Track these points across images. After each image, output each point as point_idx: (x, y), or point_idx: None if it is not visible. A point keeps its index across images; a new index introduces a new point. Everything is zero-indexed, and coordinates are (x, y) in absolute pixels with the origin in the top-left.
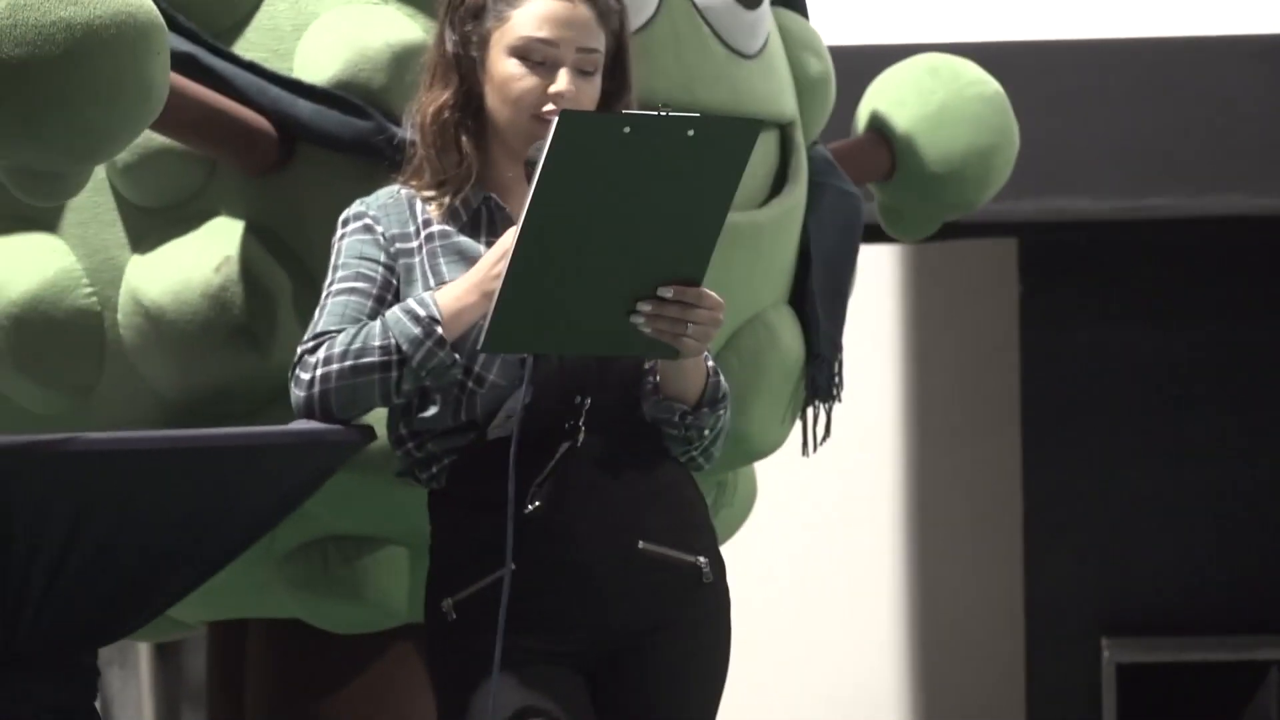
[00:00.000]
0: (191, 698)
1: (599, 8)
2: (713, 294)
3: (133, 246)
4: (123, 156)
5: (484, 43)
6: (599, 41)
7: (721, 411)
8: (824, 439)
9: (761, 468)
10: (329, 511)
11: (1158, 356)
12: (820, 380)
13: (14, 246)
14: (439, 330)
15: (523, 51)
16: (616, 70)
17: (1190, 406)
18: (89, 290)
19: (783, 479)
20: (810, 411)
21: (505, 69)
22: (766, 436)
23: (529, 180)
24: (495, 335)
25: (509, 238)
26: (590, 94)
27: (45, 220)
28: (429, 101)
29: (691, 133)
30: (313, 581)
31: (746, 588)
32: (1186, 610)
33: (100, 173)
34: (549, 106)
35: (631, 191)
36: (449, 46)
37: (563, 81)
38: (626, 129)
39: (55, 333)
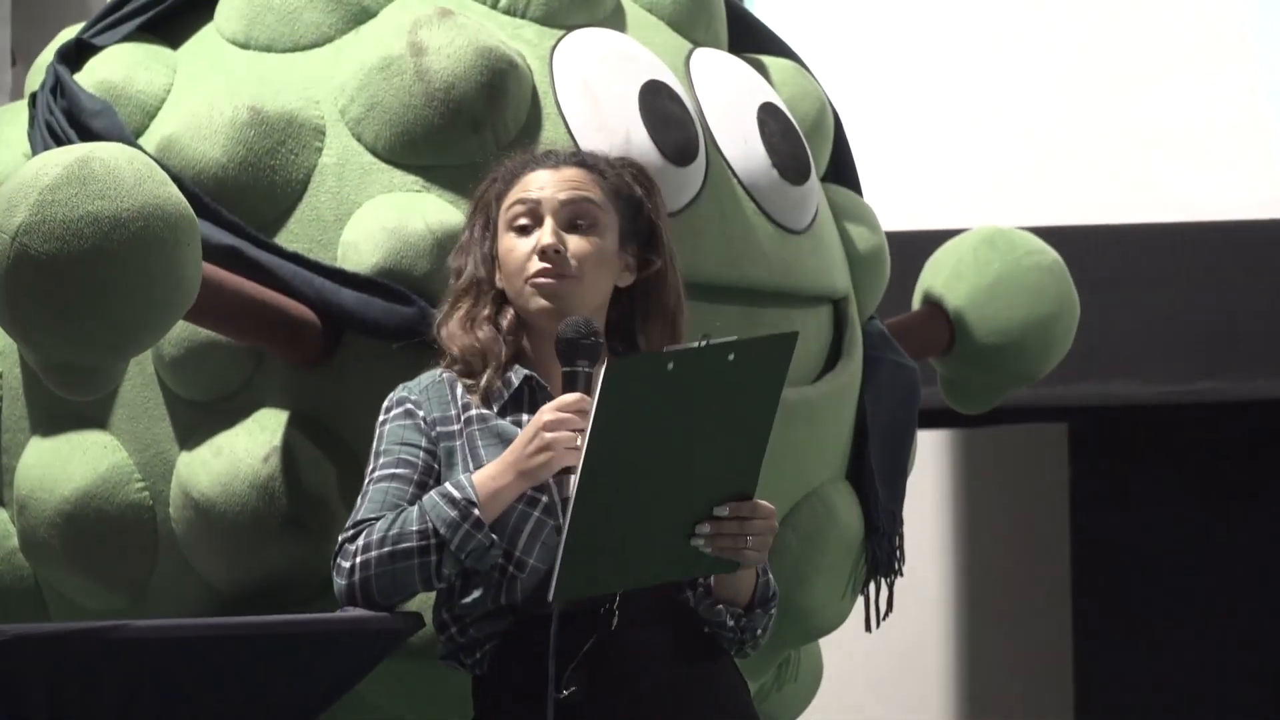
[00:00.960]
0: None
1: (597, 172)
2: (766, 504)
3: (182, 440)
4: (169, 350)
5: (494, 233)
6: (593, 192)
7: (773, 610)
8: (887, 614)
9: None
10: (386, 699)
11: (1209, 539)
12: (881, 554)
13: (65, 444)
14: (476, 513)
15: (512, 221)
16: (650, 251)
17: (1243, 589)
18: (140, 485)
19: (834, 654)
20: (872, 586)
21: (504, 244)
22: (827, 612)
23: (560, 358)
24: (564, 584)
25: (544, 413)
26: (590, 250)
27: (95, 417)
28: (454, 292)
29: (732, 356)
30: None
31: None
32: None
33: (149, 368)
34: (541, 276)
35: (680, 421)
36: (476, 233)
37: (546, 234)
38: (670, 364)
39: (108, 529)
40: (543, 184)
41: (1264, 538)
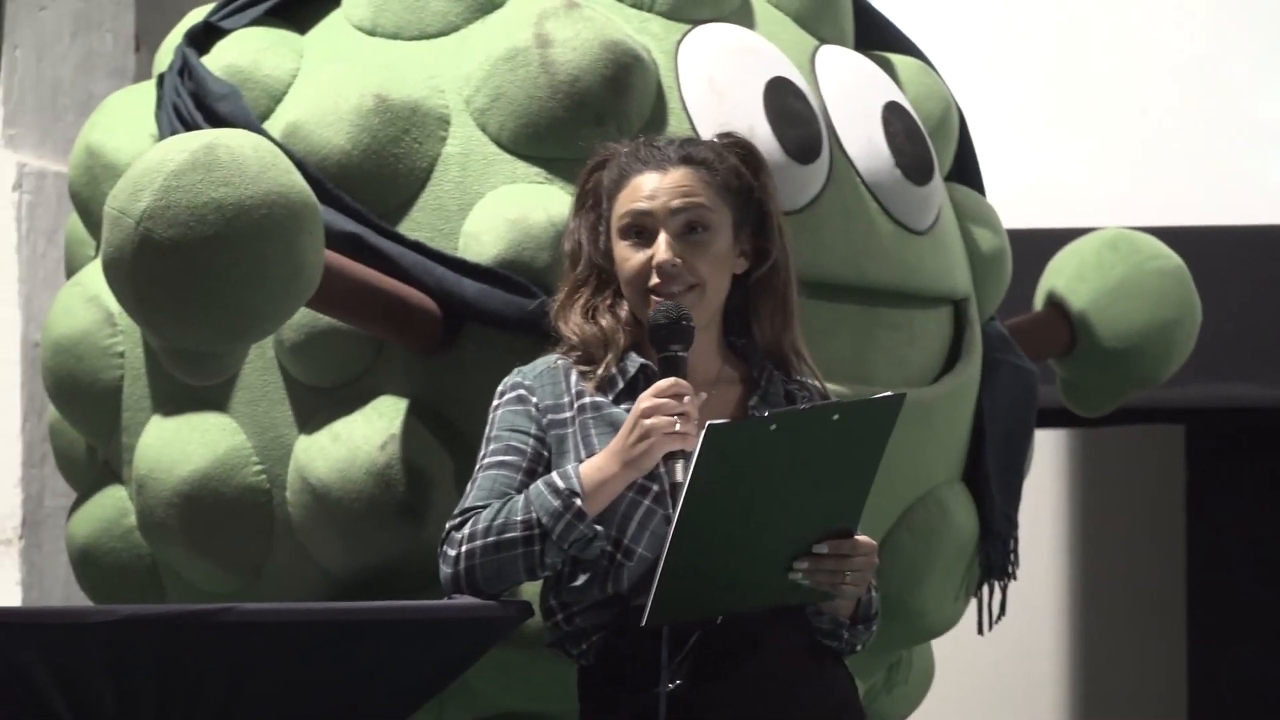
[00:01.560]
0: None
1: (706, 168)
2: (866, 540)
3: (300, 425)
4: (290, 336)
5: (608, 228)
6: (705, 196)
7: (874, 627)
8: (999, 617)
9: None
10: (494, 688)
11: None
12: (995, 557)
13: (185, 425)
14: (578, 503)
15: (626, 230)
16: (759, 238)
17: None
18: (258, 468)
19: (946, 655)
20: (985, 589)
21: (618, 252)
22: (940, 614)
23: (653, 344)
24: (659, 610)
25: (643, 400)
26: (706, 255)
27: (215, 399)
28: (566, 283)
29: (836, 417)
30: None
31: None
32: None
33: (269, 352)
34: (660, 288)
35: (782, 472)
36: (580, 226)
37: (661, 250)
38: (773, 426)
39: (225, 511)
40: (653, 192)
41: None
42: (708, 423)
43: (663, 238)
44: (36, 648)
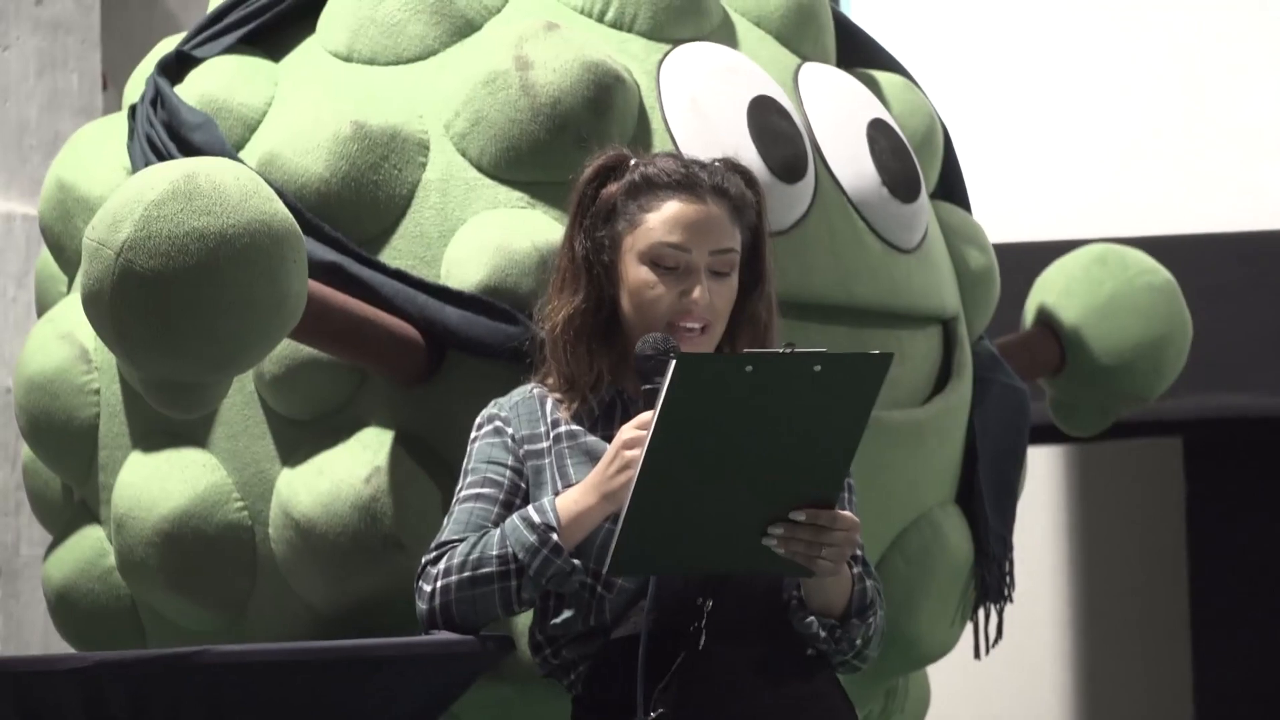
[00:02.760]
0: None
1: (733, 203)
2: (847, 515)
3: (283, 459)
4: (270, 369)
5: (615, 246)
6: (734, 240)
7: (871, 619)
8: (996, 641)
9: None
10: None
11: None
12: (990, 580)
13: (164, 462)
14: (554, 538)
15: (655, 258)
16: (754, 262)
17: None
18: (240, 505)
19: (947, 678)
20: (981, 612)
21: (638, 275)
22: (935, 639)
23: (639, 376)
24: (620, 561)
25: (625, 432)
26: (726, 295)
27: (195, 435)
28: (559, 307)
29: (818, 368)
30: None
31: None
32: None
33: (249, 386)
34: (688, 323)
35: (758, 421)
36: (579, 250)
37: (701, 293)
38: (749, 368)
39: (207, 548)
40: (695, 227)
41: None
42: (680, 351)
43: (704, 280)
44: (11, 697)
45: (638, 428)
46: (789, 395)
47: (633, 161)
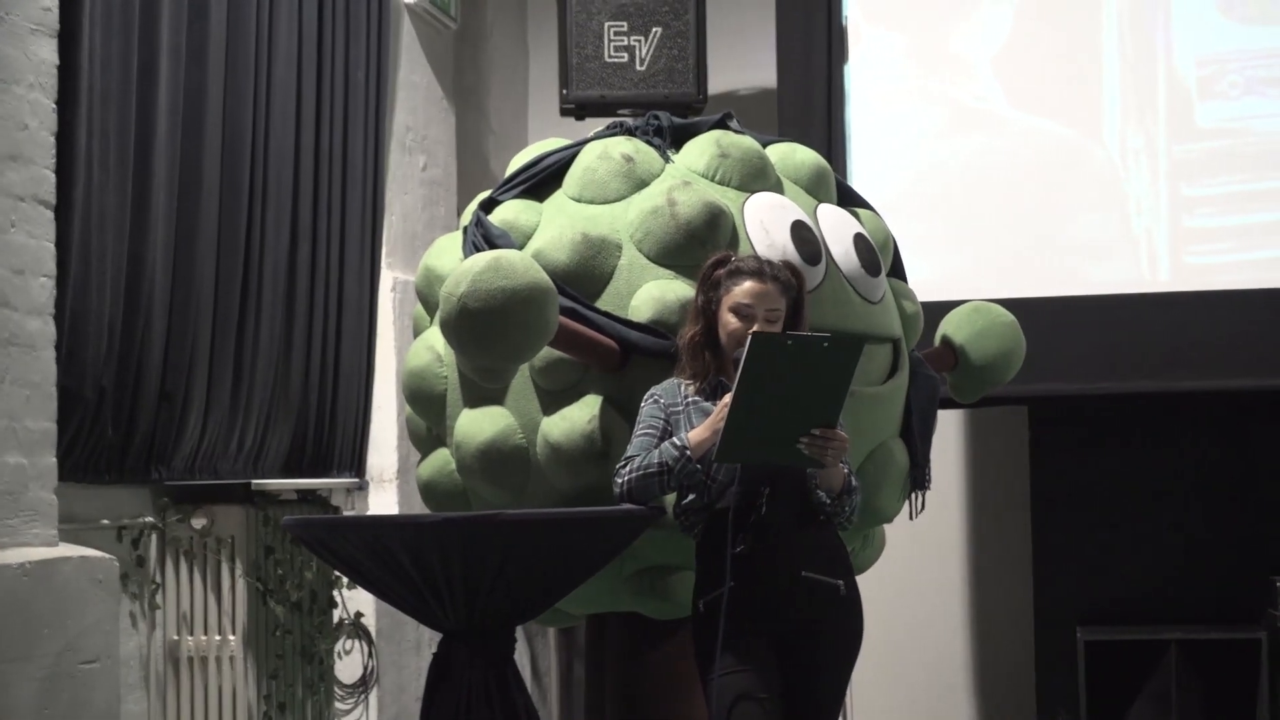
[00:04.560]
0: (579, 653)
1: (782, 284)
2: (841, 433)
3: (544, 411)
4: (538, 362)
5: (718, 302)
6: (780, 304)
7: (855, 497)
8: (921, 510)
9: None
10: (650, 551)
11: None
12: (918, 479)
13: (480, 414)
14: (687, 453)
15: (736, 310)
16: (796, 313)
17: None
18: (520, 436)
19: (897, 537)
20: (913, 495)
21: (727, 319)
22: (889, 510)
23: (736, 371)
24: (721, 455)
25: (724, 400)
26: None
27: (497, 397)
28: (688, 332)
29: (825, 345)
30: (642, 590)
31: (878, 601)
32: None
33: (526, 370)
34: (747, 338)
35: (794, 377)
36: (700, 302)
37: (756, 327)
38: (790, 343)
39: (504, 460)
40: (758, 295)
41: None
42: (753, 330)
43: (760, 323)
44: (399, 539)
45: (729, 399)
46: (810, 359)
47: (730, 257)
